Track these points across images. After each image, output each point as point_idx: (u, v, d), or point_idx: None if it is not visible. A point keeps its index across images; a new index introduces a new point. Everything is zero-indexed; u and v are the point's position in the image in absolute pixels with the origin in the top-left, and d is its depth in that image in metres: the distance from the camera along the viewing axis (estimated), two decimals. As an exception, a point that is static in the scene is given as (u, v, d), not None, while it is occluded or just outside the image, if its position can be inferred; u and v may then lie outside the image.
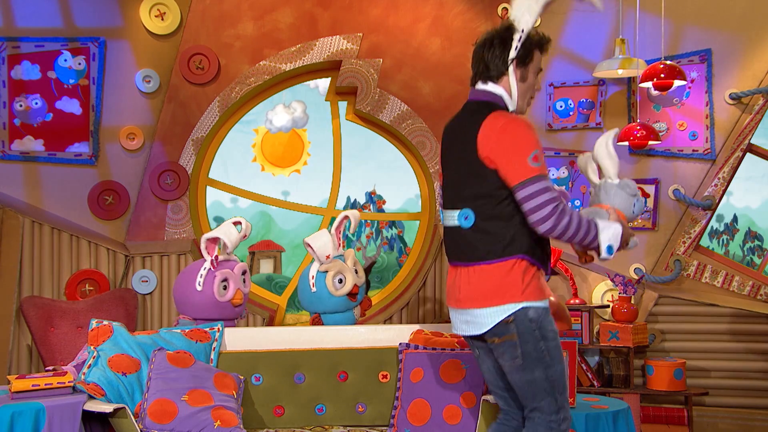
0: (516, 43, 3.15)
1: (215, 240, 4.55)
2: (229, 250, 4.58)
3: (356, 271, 4.89)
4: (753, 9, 5.76)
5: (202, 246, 4.52)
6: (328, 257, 4.81)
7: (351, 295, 4.83)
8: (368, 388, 4.34)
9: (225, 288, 4.54)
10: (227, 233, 4.56)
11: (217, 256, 4.55)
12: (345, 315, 4.90)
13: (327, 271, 4.81)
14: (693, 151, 5.87)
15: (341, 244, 4.94)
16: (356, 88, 6.17)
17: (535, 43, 3.20)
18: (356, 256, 5.09)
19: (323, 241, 4.82)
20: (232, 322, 4.67)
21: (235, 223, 4.65)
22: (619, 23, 5.82)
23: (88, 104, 5.90)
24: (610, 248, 3.15)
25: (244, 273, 4.66)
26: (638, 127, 5.57)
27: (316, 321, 4.95)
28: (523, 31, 3.14)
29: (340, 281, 4.80)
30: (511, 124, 3.10)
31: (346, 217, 4.93)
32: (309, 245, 4.80)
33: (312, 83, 6.57)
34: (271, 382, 4.32)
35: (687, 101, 5.90)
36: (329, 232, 4.88)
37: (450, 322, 3.37)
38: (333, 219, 6.82)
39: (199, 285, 4.51)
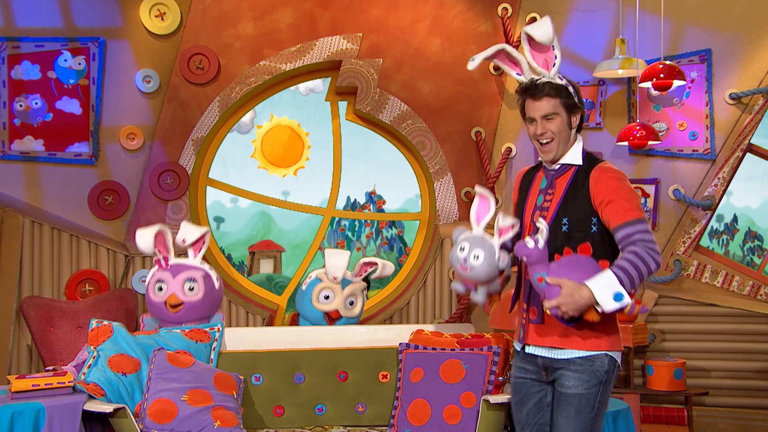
0: None
1: (161, 242, 4.62)
2: (141, 250, 4.60)
3: (351, 303, 4.88)
4: (753, 9, 5.76)
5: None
6: (335, 279, 4.84)
7: (329, 316, 4.85)
8: (368, 388, 4.34)
9: (161, 290, 4.58)
10: (139, 237, 4.59)
11: (166, 258, 4.60)
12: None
13: (321, 281, 4.84)
14: (693, 151, 5.87)
15: (359, 274, 4.95)
16: (356, 88, 6.16)
17: (520, 93, 3.24)
18: (356, 256, 5.08)
19: (339, 264, 4.82)
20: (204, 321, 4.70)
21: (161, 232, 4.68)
22: (619, 23, 5.82)
23: (88, 104, 5.90)
24: None
25: (192, 281, 4.61)
26: (638, 127, 5.57)
27: (294, 319, 5.00)
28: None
29: (327, 297, 4.83)
30: None
31: (373, 264, 4.95)
32: (325, 258, 4.87)
33: (302, 88, 6.53)
34: (271, 382, 4.32)
35: (687, 101, 5.90)
36: (350, 253, 4.94)
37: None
38: (333, 219, 6.83)
39: (145, 282, 4.71)
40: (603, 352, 3.12)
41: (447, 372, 4.11)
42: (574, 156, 3.20)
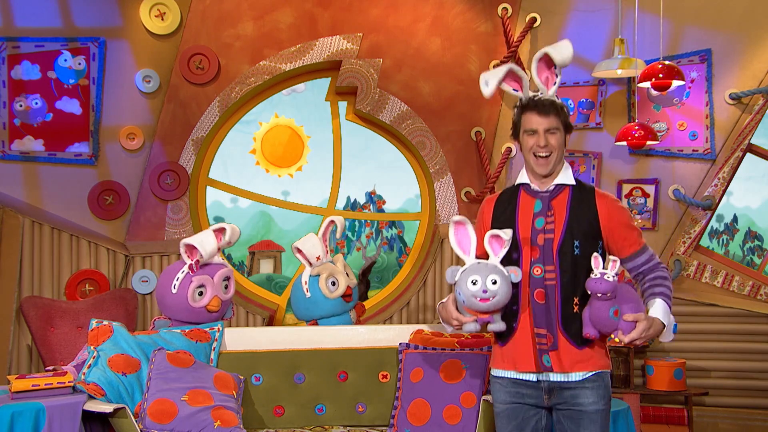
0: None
1: (193, 246, 4.46)
2: (205, 258, 4.44)
3: (347, 273, 4.92)
4: (753, 9, 5.76)
5: (182, 250, 4.42)
6: (318, 258, 4.84)
7: (345, 296, 4.83)
8: (368, 388, 4.34)
9: (201, 294, 4.47)
10: (202, 243, 4.43)
11: (198, 261, 4.46)
12: (342, 318, 4.89)
13: (319, 275, 4.82)
14: (693, 151, 5.88)
15: (328, 251, 4.95)
16: (356, 88, 6.17)
17: (518, 107, 3.20)
18: (356, 256, 5.09)
19: (312, 243, 4.84)
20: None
21: (219, 230, 4.55)
22: (618, 23, 5.82)
23: (88, 104, 5.90)
24: None
25: (227, 279, 4.55)
26: (636, 127, 5.57)
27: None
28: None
29: (333, 283, 4.80)
30: None
31: (332, 222, 4.96)
32: (298, 249, 4.84)
33: (286, 90, 6.49)
34: (271, 382, 4.32)
35: (687, 101, 5.90)
36: (316, 235, 4.91)
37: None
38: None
39: (174, 288, 4.41)
40: (607, 371, 3.18)
41: (447, 372, 4.11)
42: (567, 176, 3.20)
